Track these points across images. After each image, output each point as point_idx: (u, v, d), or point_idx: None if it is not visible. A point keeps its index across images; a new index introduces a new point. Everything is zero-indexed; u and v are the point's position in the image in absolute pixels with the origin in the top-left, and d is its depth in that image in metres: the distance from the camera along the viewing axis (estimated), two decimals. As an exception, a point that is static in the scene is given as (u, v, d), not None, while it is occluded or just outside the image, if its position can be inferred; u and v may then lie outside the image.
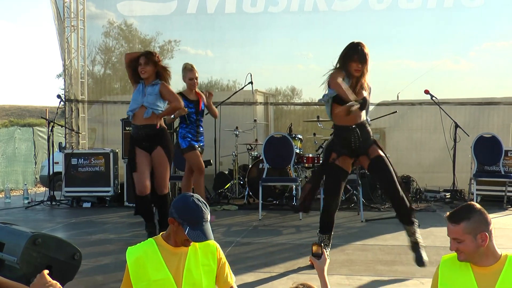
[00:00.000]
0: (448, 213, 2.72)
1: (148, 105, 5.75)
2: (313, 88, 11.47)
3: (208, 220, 2.86)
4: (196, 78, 6.70)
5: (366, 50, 4.80)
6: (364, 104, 4.79)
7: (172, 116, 6.35)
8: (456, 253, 2.72)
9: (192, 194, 2.91)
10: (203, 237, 2.80)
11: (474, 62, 11.04)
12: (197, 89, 6.82)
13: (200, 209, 2.82)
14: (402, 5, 10.05)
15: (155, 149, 5.84)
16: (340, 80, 4.71)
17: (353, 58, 4.79)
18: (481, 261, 2.64)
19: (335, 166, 4.94)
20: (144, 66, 5.74)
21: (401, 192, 4.81)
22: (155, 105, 5.78)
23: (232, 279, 3.05)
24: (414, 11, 10.12)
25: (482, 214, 2.65)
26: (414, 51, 10.71)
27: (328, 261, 2.96)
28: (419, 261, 4.69)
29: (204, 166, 6.79)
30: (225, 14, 10.33)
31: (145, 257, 2.84)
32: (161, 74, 5.87)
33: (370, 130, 4.98)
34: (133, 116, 5.86)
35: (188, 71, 6.69)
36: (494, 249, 2.65)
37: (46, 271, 2.64)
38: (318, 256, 2.95)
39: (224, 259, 3.02)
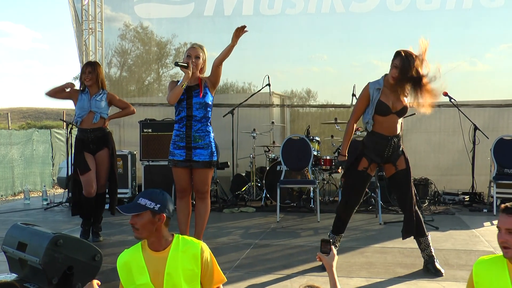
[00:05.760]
0: (503, 205, 2.70)
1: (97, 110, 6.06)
2: (329, 91, 11.43)
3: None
4: (197, 57, 5.04)
5: (410, 58, 4.66)
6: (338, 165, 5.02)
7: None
8: (493, 256, 2.75)
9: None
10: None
11: (491, 64, 10.94)
12: (200, 74, 5.12)
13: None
14: (420, 7, 9.96)
15: (101, 150, 6.16)
16: (351, 127, 4.93)
17: (392, 63, 4.74)
18: None
19: (367, 174, 4.88)
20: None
21: (415, 208, 4.86)
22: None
23: (220, 280, 3.04)
24: (432, 13, 10.02)
25: None
26: (431, 53, 10.59)
27: (336, 257, 2.94)
28: (438, 273, 4.70)
29: (185, 188, 5.23)
30: (242, 16, 10.31)
31: (131, 261, 2.92)
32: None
33: (401, 141, 4.96)
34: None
35: (189, 48, 5.15)
36: None
37: (95, 281, 2.75)
38: (327, 252, 2.95)
39: (210, 259, 2.98)
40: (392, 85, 4.76)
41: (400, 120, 4.89)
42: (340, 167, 4.99)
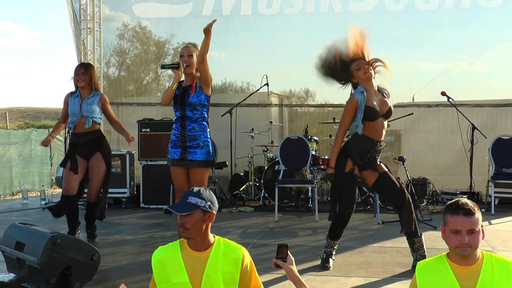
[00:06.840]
0: (454, 206, 2.57)
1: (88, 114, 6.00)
2: (327, 90, 11.43)
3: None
4: (190, 55, 5.01)
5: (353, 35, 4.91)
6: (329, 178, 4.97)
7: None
8: (432, 257, 2.72)
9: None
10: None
11: (489, 64, 10.95)
12: (195, 73, 5.06)
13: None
14: (418, 6, 9.97)
15: (94, 155, 6.01)
16: (340, 140, 4.92)
17: (352, 64, 4.85)
18: (470, 258, 2.59)
19: (355, 176, 4.88)
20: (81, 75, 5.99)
21: (411, 203, 4.87)
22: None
23: (257, 287, 3.00)
24: (430, 12, 10.03)
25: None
26: (429, 53, 10.63)
27: (293, 260, 2.90)
28: None
29: (182, 187, 5.08)
30: (240, 16, 10.32)
31: (167, 259, 2.85)
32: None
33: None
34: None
35: (182, 48, 5.19)
36: None
37: None
38: (283, 258, 2.87)
39: (249, 266, 2.95)
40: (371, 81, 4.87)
41: (386, 123, 4.95)
42: (328, 180, 4.92)
